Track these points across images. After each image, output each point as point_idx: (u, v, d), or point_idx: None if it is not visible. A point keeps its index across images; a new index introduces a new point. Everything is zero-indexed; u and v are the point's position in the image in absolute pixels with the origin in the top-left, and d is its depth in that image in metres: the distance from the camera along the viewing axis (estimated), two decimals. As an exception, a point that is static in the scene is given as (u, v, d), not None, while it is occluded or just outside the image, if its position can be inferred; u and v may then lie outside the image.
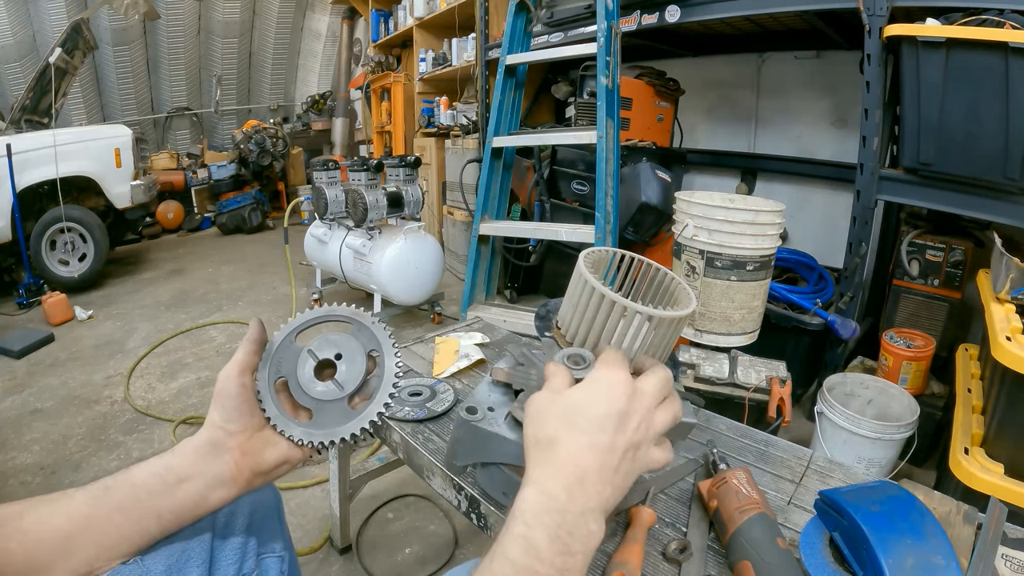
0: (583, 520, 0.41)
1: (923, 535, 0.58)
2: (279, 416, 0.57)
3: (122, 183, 4.16)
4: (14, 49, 5.58)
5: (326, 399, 0.58)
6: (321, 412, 0.59)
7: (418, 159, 3.25)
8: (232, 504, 0.63)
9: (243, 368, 0.56)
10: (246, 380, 0.57)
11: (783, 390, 1.53)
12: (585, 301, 0.60)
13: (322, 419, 0.59)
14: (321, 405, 0.59)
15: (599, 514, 0.43)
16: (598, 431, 0.44)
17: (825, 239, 2.71)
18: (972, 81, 1.53)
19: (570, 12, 2.73)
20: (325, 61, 7.75)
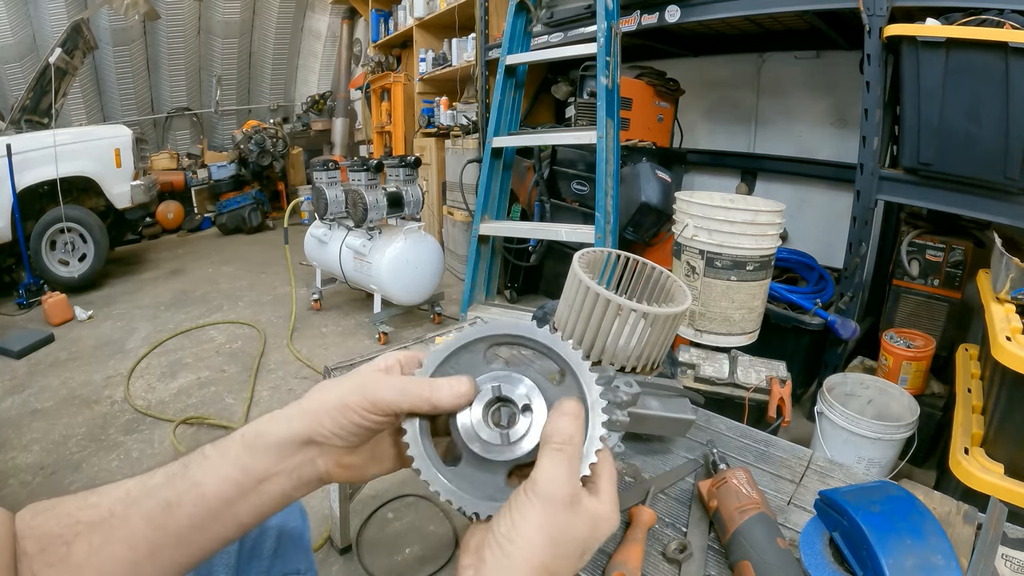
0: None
1: (923, 535, 0.58)
2: (426, 463, 0.42)
3: (122, 183, 4.16)
4: (14, 49, 5.58)
5: (485, 454, 0.41)
6: (470, 461, 0.42)
7: (418, 159, 3.25)
8: (260, 526, 0.63)
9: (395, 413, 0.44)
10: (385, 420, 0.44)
11: (783, 390, 1.53)
12: (580, 301, 0.60)
13: (468, 471, 0.42)
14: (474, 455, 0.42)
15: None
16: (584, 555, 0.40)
17: (825, 239, 2.71)
18: (972, 81, 1.53)
19: (570, 12, 2.73)
20: (325, 61, 7.75)
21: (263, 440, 0.44)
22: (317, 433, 0.44)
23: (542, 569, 0.37)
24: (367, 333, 3.10)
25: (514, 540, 0.37)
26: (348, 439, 0.44)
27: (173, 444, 2.01)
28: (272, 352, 2.86)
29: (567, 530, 0.38)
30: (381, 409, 0.43)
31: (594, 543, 0.40)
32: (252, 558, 0.63)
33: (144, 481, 0.44)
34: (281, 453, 0.44)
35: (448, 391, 0.42)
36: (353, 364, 1.31)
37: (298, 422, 0.44)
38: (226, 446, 0.45)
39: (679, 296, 0.63)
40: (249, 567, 0.63)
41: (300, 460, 0.45)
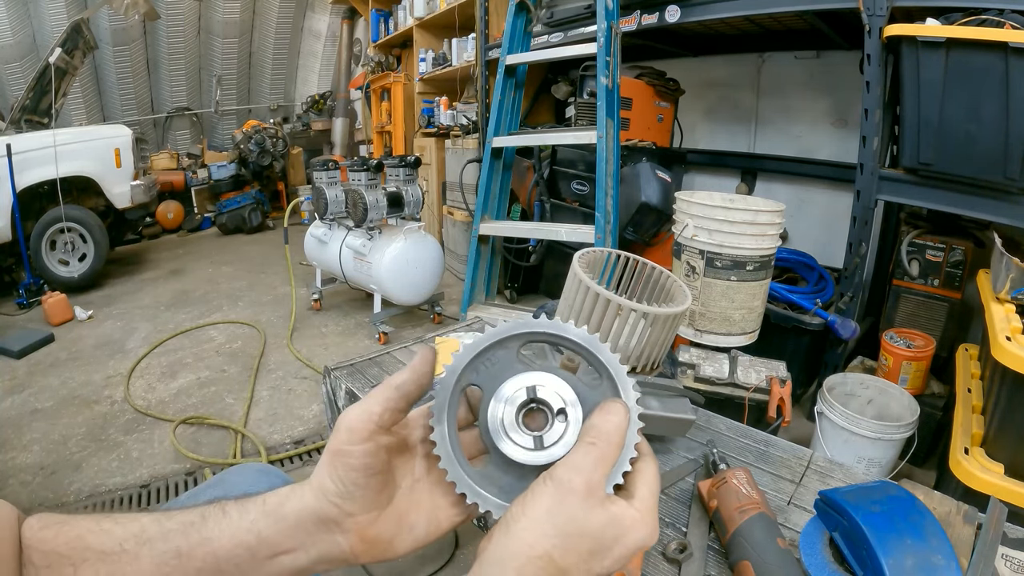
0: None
1: (923, 535, 0.58)
2: (452, 463, 0.39)
3: (122, 183, 4.16)
4: (14, 49, 5.58)
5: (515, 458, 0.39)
6: (499, 464, 0.40)
7: (418, 159, 3.25)
8: None
9: (378, 425, 0.40)
10: (381, 441, 0.40)
11: (783, 390, 1.53)
12: (580, 301, 0.60)
13: (497, 474, 0.40)
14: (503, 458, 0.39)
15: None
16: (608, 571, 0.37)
17: (825, 239, 2.71)
18: (972, 81, 1.53)
19: (570, 12, 2.73)
20: (325, 61, 7.75)
21: (283, 510, 0.41)
22: (327, 502, 0.40)
23: (546, 559, 0.35)
24: (367, 333, 3.10)
25: (519, 520, 0.35)
26: (352, 492, 0.40)
27: (173, 444, 2.01)
28: (272, 352, 2.86)
29: (580, 523, 0.35)
30: (357, 432, 0.39)
31: (618, 550, 0.36)
32: None
33: (161, 521, 0.42)
34: (299, 528, 0.41)
35: (407, 373, 0.40)
36: (353, 364, 1.31)
37: (310, 496, 0.41)
38: (246, 508, 0.42)
39: (679, 296, 0.63)
40: None
41: (320, 539, 0.41)
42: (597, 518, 0.36)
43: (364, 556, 0.42)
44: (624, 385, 0.40)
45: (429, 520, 0.43)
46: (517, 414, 0.40)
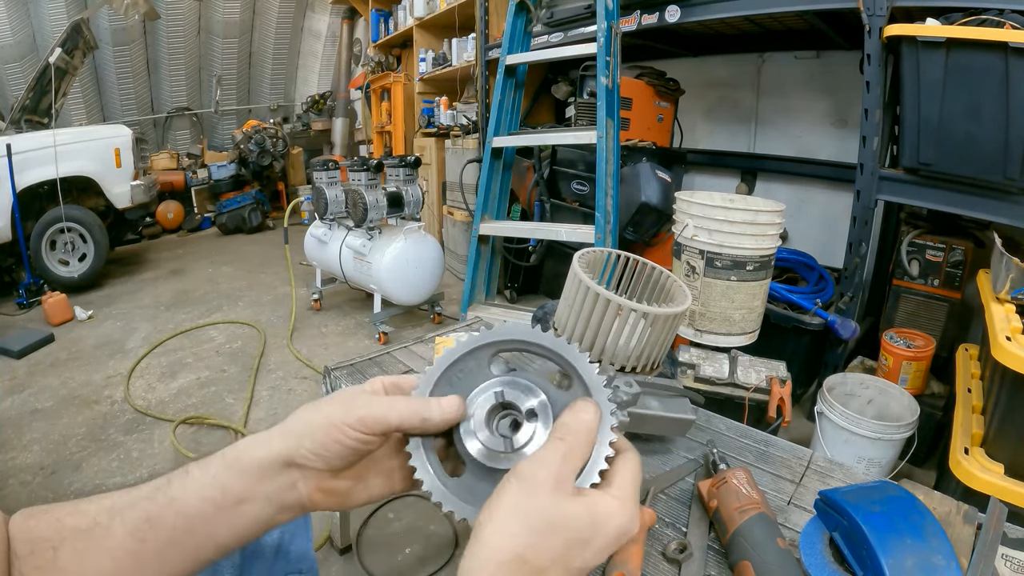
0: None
1: (923, 535, 0.58)
2: (428, 473, 0.40)
3: (122, 183, 4.16)
4: (14, 49, 5.58)
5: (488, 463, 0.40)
6: (473, 471, 0.40)
7: (418, 159, 3.25)
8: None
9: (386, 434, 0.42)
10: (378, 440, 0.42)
11: (783, 390, 1.53)
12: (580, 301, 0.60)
13: (472, 481, 0.40)
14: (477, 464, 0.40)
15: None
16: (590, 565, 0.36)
17: (825, 239, 2.72)
18: (972, 81, 1.53)
19: (570, 12, 2.72)
20: (325, 61, 7.75)
21: (242, 461, 0.43)
22: (298, 454, 0.42)
23: (518, 561, 0.34)
24: (367, 333, 3.10)
25: (485, 525, 0.35)
26: (331, 460, 0.42)
27: (173, 444, 2.01)
28: (272, 352, 2.86)
29: (550, 517, 0.34)
30: (368, 426, 0.41)
31: (599, 540, 0.36)
32: (255, 556, 0.64)
33: (131, 492, 0.43)
34: (260, 475, 0.43)
35: (437, 408, 0.41)
36: (353, 364, 1.31)
37: (279, 443, 0.43)
38: (208, 464, 0.44)
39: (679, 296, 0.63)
40: (252, 565, 0.63)
41: (280, 484, 0.43)
42: (569, 510, 0.35)
43: (320, 504, 0.44)
44: (595, 385, 0.40)
45: (385, 481, 0.46)
46: (488, 418, 0.40)
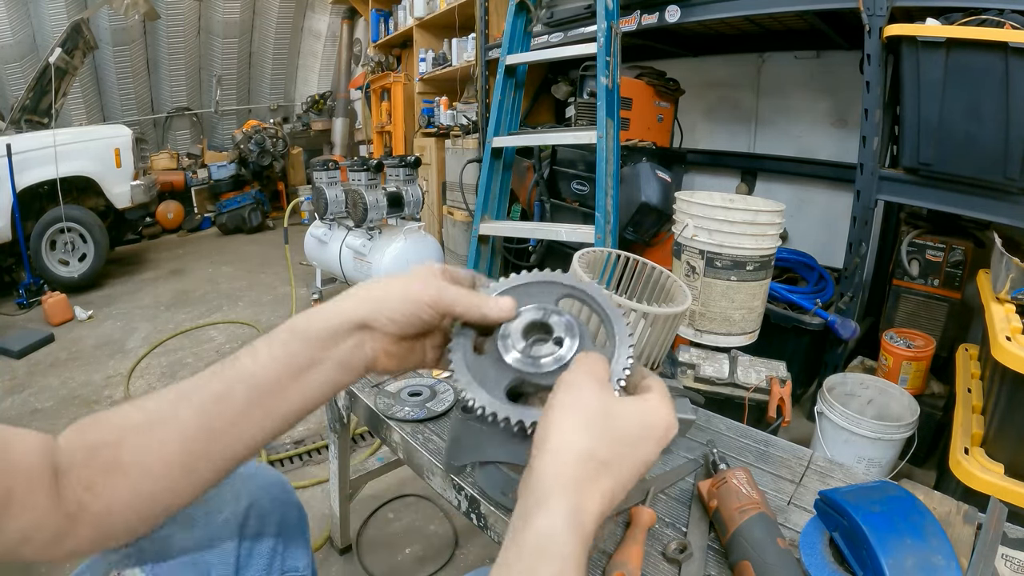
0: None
1: (923, 535, 0.58)
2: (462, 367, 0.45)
3: (122, 183, 4.16)
4: (14, 49, 5.58)
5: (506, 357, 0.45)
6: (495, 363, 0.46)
7: (418, 159, 3.25)
8: (258, 524, 0.64)
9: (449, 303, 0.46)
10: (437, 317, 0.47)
11: (783, 390, 1.53)
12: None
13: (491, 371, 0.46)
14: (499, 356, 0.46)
15: None
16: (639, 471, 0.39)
17: (825, 239, 2.71)
18: (972, 81, 1.53)
19: (570, 12, 2.72)
20: (325, 61, 7.75)
21: (313, 328, 0.46)
22: (373, 318, 0.46)
23: (586, 455, 0.36)
24: (367, 333, 3.10)
25: (548, 430, 0.37)
26: (403, 327, 0.46)
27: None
28: (272, 352, 2.86)
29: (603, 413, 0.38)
30: (439, 307, 0.46)
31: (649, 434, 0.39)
32: (251, 556, 0.64)
33: (194, 379, 0.45)
34: (330, 340, 0.46)
35: (495, 307, 0.46)
36: (353, 364, 1.31)
37: (352, 308, 0.46)
38: (274, 336, 0.46)
39: (679, 296, 0.63)
40: (248, 565, 0.63)
41: (349, 345, 0.46)
42: (617, 408, 0.39)
43: (381, 365, 0.49)
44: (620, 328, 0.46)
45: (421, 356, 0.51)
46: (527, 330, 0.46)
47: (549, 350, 0.45)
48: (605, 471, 0.36)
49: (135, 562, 0.55)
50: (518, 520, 0.35)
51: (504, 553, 0.34)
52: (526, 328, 0.46)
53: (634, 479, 0.38)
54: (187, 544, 0.58)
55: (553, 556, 0.33)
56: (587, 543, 0.34)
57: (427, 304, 0.46)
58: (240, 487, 0.66)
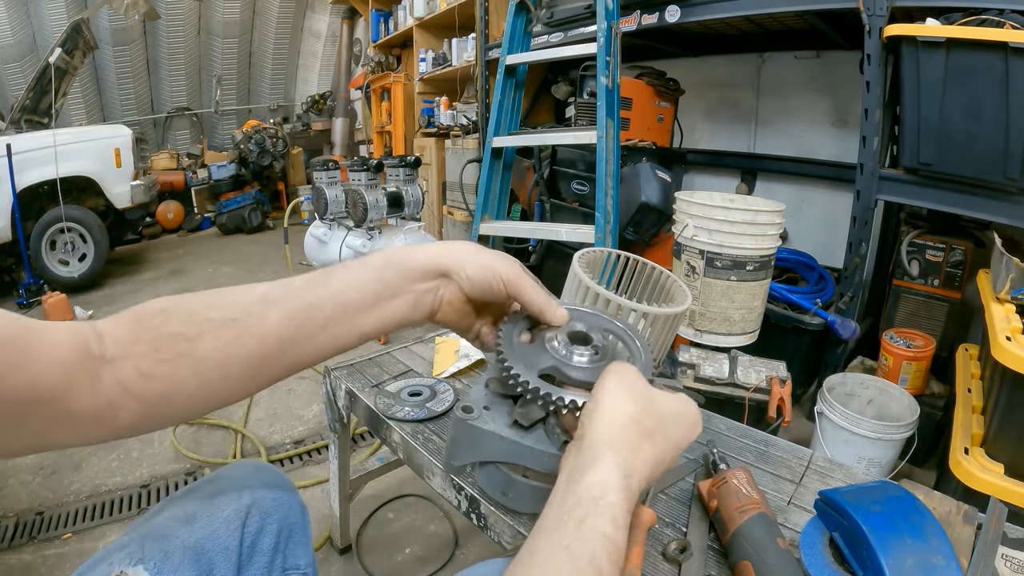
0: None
1: (923, 535, 0.58)
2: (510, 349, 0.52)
3: (122, 183, 4.16)
4: (14, 49, 5.58)
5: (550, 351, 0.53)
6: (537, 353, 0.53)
7: (418, 159, 3.25)
8: (260, 520, 0.64)
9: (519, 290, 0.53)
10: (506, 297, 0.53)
11: (783, 390, 1.53)
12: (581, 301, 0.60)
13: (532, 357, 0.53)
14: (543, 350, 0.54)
15: None
16: (675, 452, 0.44)
17: (825, 239, 2.71)
18: (972, 81, 1.53)
19: (570, 12, 2.72)
20: (325, 61, 7.75)
21: (407, 262, 0.51)
22: (456, 270, 0.51)
23: (633, 422, 0.41)
24: (367, 333, 3.09)
25: (600, 401, 0.43)
26: (475, 289, 0.52)
27: (173, 444, 2.01)
28: (272, 352, 2.86)
29: (647, 392, 0.44)
30: (511, 289, 0.52)
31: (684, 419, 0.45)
32: (253, 553, 0.64)
33: (283, 286, 0.48)
34: (418, 276, 0.51)
35: (555, 311, 0.54)
36: (353, 364, 1.31)
37: (442, 254, 0.52)
38: (370, 261, 0.51)
39: (679, 296, 0.63)
40: (250, 562, 0.63)
41: (428, 286, 0.52)
42: (657, 394, 0.45)
43: (442, 316, 0.54)
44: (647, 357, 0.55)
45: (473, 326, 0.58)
46: (571, 337, 0.54)
47: (583, 353, 0.52)
48: (649, 439, 0.41)
49: (138, 560, 0.55)
50: (573, 474, 0.39)
51: (560, 503, 0.38)
52: (571, 334, 0.54)
53: (672, 455, 0.43)
54: (189, 541, 0.58)
55: (609, 504, 0.37)
56: (632, 502, 0.38)
57: (503, 279, 0.51)
58: (242, 485, 0.66)
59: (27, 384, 0.37)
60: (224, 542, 0.60)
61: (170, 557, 0.56)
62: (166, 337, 0.43)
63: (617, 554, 0.36)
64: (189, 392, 0.44)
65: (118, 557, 0.55)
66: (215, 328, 0.44)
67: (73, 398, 0.40)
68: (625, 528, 0.37)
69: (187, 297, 0.46)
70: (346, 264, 0.51)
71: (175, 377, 0.43)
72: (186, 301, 0.46)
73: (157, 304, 0.46)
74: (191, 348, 0.43)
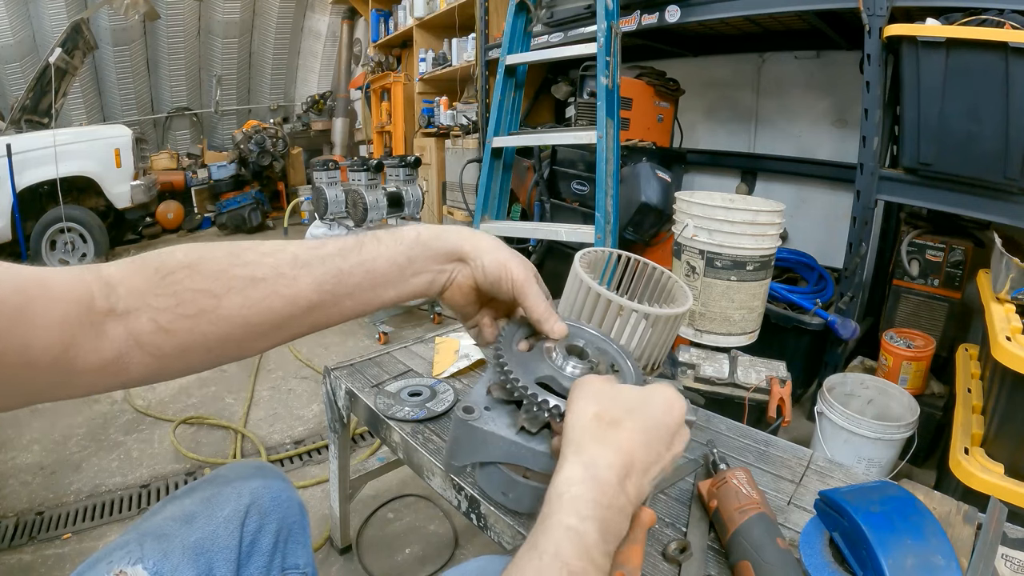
0: (624, 519, 0.40)
1: (923, 535, 0.58)
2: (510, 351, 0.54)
3: (122, 183, 4.17)
4: (14, 49, 5.58)
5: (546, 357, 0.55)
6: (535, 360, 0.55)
7: (418, 159, 3.25)
8: (259, 520, 0.64)
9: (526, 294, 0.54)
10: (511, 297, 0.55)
11: (783, 390, 1.53)
12: (582, 301, 0.60)
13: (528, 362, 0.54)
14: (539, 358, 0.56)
15: (631, 516, 0.41)
16: (655, 434, 0.44)
17: (825, 239, 2.71)
18: (972, 81, 1.53)
19: (570, 12, 2.72)
20: (325, 61, 7.75)
21: (434, 243, 0.53)
22: (473, 258, 0.53)
23: (595, 418, 0.43)
24: (367, 333, 3.09)
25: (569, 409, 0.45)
26: (485, 279, 0.54)
27: (173, 444, 2.01)
28: (272, 352, 2.86)
29: (609, 390, 0.46)
30: (518, 292, 0.53)
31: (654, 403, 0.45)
32: (252, 552, 0.64)
33: (314, 249, 0.49)
34: (441, 257, 0.53)
35: (555, 324, 0.55)
36: (353, 364, 1.31)
37: (466, 239, 0.54)
38: (401, 236, 0.52)
39: (680, 297, 0.63)
40: (249, 562, 0.63)
41: (445, 267, 0.54)
42: (624, 388, 0.47)
43: (449, 297, 0.56)
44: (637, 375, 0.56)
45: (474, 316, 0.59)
46: (568, 349, 0.56)
47: (576, 365, 0.54)
48: (614, 428, 0.42)
49: (137, 559, 0.55)
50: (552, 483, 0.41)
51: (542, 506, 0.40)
52: (568, 348, 0.56)
53: (656, 436, 0.44)
54: (188, 541, 0.58)
55: (572, 498, 0.37)
56: (608, 488, 0.39)
57: (514, 279, 0.53)
58: (241, 485, 0.66)
59: (22, 347, 0.36)
60: (223, 541, 0.60)
61: (169, 556, 0.56)
62: (190, 292, 0.43)
63: (584, 545, 0.35)
64: (208, 347, 0.44)
65: (117, 556, 0.55)
66: (243, 286, 0.44)
67: (74, 356, 0.39)
68: (594, 519, 0.36)
69: (212, 249, 0.46)
70: (377, 235, 0.52)
71: (195, 332, 0.43)
72: (212, 254, 0.45)
73: (181, 255, 0.45)
74: (216, 304, 0.43)
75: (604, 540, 0.37)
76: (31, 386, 0.38)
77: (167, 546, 0.57)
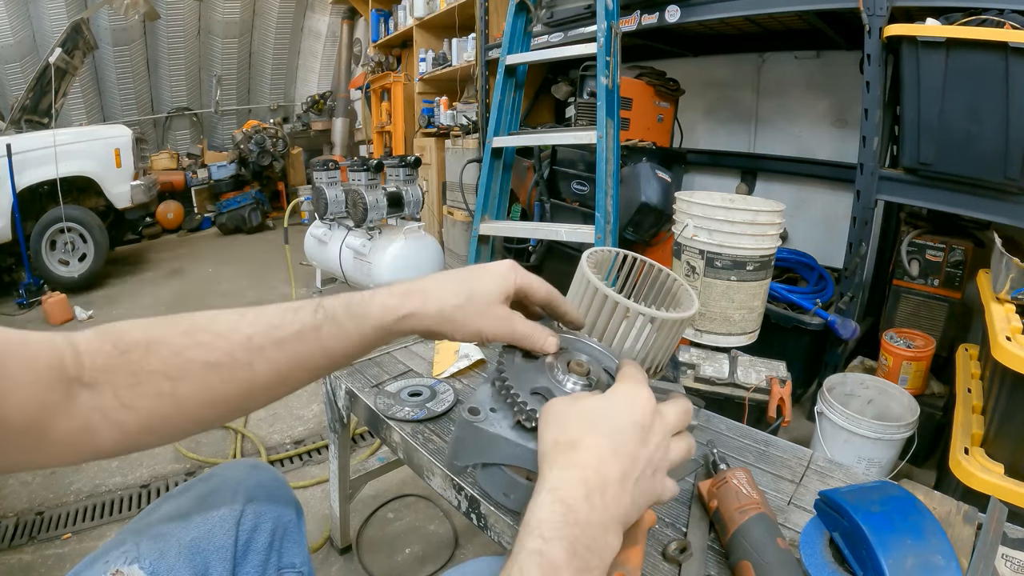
0: (602, 533, 0.39)
1: (923, 535, 0.58)
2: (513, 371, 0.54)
3: (122, 183, 4.16)
4: (14, 49, 5.58)
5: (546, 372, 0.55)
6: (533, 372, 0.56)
7: (418, 159, 3.25)
8: (255, 519, 0.65)
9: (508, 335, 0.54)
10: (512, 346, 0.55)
11: (783, 390, 1.53)
12: (588, 302, 0.60)
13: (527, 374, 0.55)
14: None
15: (618, 526, 0.41)
16: (621, 438, 0.43)
17: (825, 239, 2.71)
18: (972, 81, 1.53)
19: (570, 12, 2.72)
20: (325, 61, 7.75)
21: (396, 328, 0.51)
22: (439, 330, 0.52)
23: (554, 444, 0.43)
24: (367, 333, 3.10)
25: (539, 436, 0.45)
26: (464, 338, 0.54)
27: (173, 444, 2.01)
28: (272, 352, 2.86)
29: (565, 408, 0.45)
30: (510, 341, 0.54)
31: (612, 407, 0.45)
32: (248, 551, 0.63)
33: (268, 333, 0.47)
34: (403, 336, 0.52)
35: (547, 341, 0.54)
36: (353, 364, 1.31)
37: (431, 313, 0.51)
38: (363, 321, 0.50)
39: (686, 300, 0.63)
40: (245, 560, 0.63)
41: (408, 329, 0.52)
42: (582, 400, 0.46)
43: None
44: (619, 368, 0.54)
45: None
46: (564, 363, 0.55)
47: (577, 382, 0.54)
48: (573, 448, 0.42)
49: (133, 558, 0.55)
50: None
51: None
52: (568, 363, 0.55)
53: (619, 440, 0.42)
54: (185, 540, 0.58)
55: (537, 522, 0.38)
56: (576, 504, 0.38)
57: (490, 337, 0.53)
58: (237, 485, 0.66)
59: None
60: (219, 541, 0.60)
61: (166, 556, 0.56)
62: (146, 374, 0.43)
63: (551, 564, 0.36)
64: (174, 425, 0.45)
65: (114, 556, 0.55)
66: (199, 370, 0.44)
67: (48, 419, 0.39)
68: (560, 538, 0.37)
69: (169, 325, 0.47)
70: (336, 319, 0.49)
71: (157, 413, 0.43)
72: (167, 333, 0.46)
73: (139, 332, 0.45)
74: (173, 388, 0.43)
75: (576, 556, 0.36)
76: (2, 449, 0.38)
77: (163, 545, 0.57)
